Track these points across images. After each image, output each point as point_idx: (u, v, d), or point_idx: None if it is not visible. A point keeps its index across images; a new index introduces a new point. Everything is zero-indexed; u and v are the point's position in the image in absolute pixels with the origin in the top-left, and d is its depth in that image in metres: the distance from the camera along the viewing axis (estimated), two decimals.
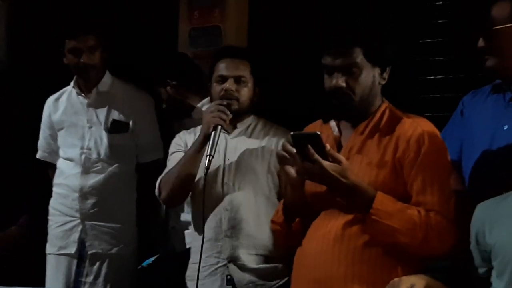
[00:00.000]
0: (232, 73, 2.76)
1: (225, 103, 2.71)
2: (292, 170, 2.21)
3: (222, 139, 2.79)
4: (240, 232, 2.72)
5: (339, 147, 2.31)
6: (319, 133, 2.12)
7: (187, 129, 3.01)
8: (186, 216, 3.24)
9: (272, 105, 3.01)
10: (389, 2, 3.46)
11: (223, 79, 2.77)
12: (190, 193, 2.83)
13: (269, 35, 3.78)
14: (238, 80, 2.76)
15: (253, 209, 2.73)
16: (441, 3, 3.46)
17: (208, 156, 2.63)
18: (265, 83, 2.83)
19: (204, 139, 2.68)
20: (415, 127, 2.25)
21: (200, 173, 2.76)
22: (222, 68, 2.78)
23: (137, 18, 4.15)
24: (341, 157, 2.15)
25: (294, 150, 2.15)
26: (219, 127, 2.66)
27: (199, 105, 3.43)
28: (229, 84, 2.75)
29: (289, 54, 3.67)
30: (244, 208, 2.72)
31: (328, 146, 2.14)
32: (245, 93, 2.77)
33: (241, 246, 2.72)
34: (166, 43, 3.96)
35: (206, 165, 2.62)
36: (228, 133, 2.81)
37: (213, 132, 2.66)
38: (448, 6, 3.46)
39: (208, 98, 3.39)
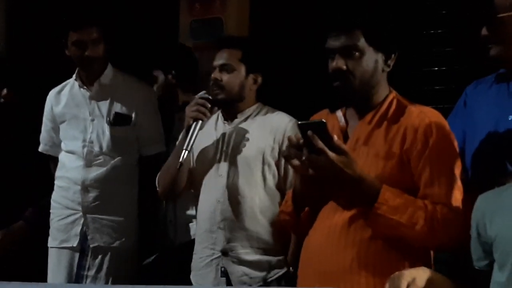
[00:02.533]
0: (217, 63, 2.78)
1: (205, 95, 2.73)
2: (297, 163, 2.18)
3: (220, 130, 2.80)
4: (232, 225, 2.72)
5: (345, 137, 2.29)
6: (325, 121, 2.10)
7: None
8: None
9: (275, 95, 3.00)
10: None
11: (213, 70, 2.79)
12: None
13: (270, 25, 3.76)
14: (222, 68, 2.77)
15: (246, 201, 2.73)
16: None
17: (184, 150, 2.65)
18: (261, 69, 2.80)
19: (187, 134, 2.71)
20: (422, 118, 2.22)
21: (203, 166, 2.75)
22: (214, 60, 2.81)
23: (138, 10, 4.14)
24: (347, 148, 2.13)
25: (300, 141, 2.13)
26: (200, 121, 2.69)
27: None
28: (214, 74, 2.77)
29: (291, 44, 3.66)
30: (236, 200, 2.72)
31: (335, 137, 2.12)
32: (230, 80, 2.76)
33: (233, 239, 2.72)
34: (167, 34, 3.95)
35: (181, 159, 2.65)
36: (228, 123, 2.81)
37: (193, 125, 2.68)
38: None
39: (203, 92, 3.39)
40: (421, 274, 1.95)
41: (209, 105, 2.72)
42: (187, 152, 2.67)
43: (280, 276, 2.72)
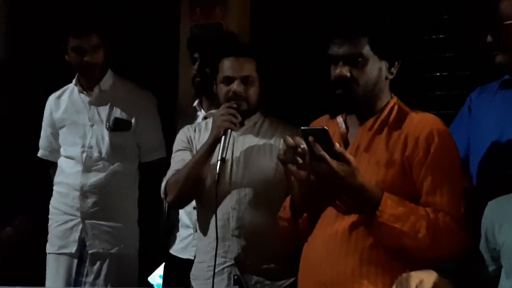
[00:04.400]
0: (238, 74, 2.70)
1: (235, 105, 2.66)
2: (294, 168, 2.17)
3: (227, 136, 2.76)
4: (248, 232, 2.68)
5: (345, 143, 2.27)
6: (326, 128, 2.08)
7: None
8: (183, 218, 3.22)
9: (276, 102, 2.98)
10: None
11: (229, 80, 2.71)
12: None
13: (271, 31, 3.75)
14: (245, 80, 2.70)
15: (261, 207, 2.69)
16: None
17: (219, 161, 2.59)
18: (272, 79, 2.78)
19: (214, 143, 2.65)
20: (424, 124, 2.20)
21: (212, 173, 2.72)
22: (227, 67, 2.72)
23: (139, 15, 4.13)
24: (350, 156, 2.10)
25: (294, 144, 2.11)
26: (229, 131, 2.63)
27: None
28: (237, 86, 2.69)
29: (292, 51, 3.64)
30: (252, 207, 2.69)
31: (337, 144, 2.10)
32: (253, 93, 2.72)
33: (248, 246, 2.68)
34: (168, 40, 3.94)
35: (218, 170, 2.59)
36: (235, 130, 2.78)
37: (223, 137, 2.62)
38: (453, 1, 3.42)
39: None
40: (429, 276, 1.95)
41: (240, 117, 2.65)
42: (222, 163, 2.60)
43: (292, 282, 2.67)
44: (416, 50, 3.43)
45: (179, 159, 2.79)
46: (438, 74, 3.46)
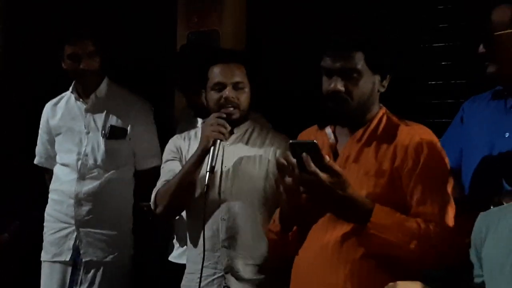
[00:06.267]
0: (230, 80, 2.68)
1: (224, 115, 2.65)
2: (289, 180, 2.15)
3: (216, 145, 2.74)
4: (238, 242, 2.66)
5: (335, 154, 2.26)
6: (316, 142, 2.07)
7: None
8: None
9: (269, 108, 2.97)
10: (390, 6, 3.42)
11: (220, 86, 2.70)
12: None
13: (267, 38, 3.75)
14: (236, 86, 2.68)
15: (250, 218, 2.67)
16: (442, 7, 3.42)
17: (207, 173, 2.58)
18: (261, 85, 2.77)
19: (203, 153, 2.63)
20: (413, 135, 2.20)
21: (201, 183, 2.71)
22: (217, 74, 2.70)
23: (136, 22, 4.14)
24: (339, 169, 2.09)
25: (294, 160, 2.09)
26: (218, 141, 2.61)
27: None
28: (229, 92, 2.67)
29: (287, 58, 3.65)
30: (241, 217, 2.67)
31: (327, 157, 2.09)
32: (245, 99, 2.71)
33: (238, 257, 2.66)
34: (165, 47, 3.95)
35: (206, 182, 2.57)
36: (225, 140, 2.76)
37: (212, 147, 2.60)
38: (450, 10, 3.42)
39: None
40: (416, 287, 1.92)
41: (229, 127, 2.63)
42: (211, 174, 2.58)
43: None
44: (412, 59, 3.43)
45: (168, 170, 2.77)
46: (433, 82, 3.45)
